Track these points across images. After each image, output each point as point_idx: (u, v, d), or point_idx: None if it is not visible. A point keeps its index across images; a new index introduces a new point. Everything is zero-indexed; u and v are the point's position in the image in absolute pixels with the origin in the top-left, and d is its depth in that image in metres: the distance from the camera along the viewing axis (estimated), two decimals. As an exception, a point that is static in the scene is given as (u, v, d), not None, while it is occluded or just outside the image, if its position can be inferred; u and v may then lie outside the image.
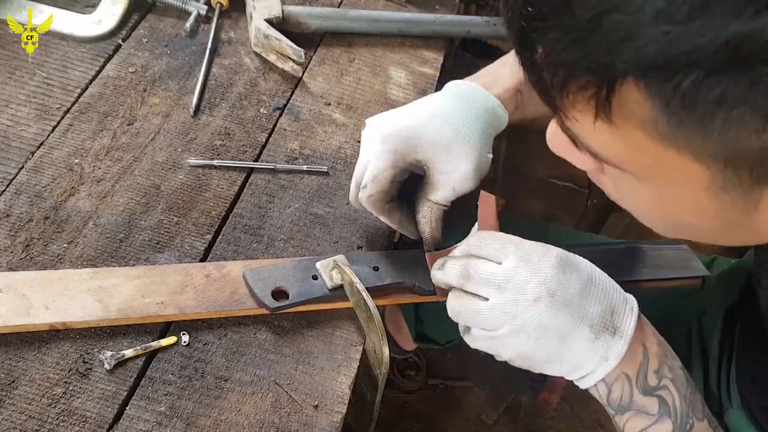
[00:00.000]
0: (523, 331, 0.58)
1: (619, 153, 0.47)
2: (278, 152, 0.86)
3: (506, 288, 0.59)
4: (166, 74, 0.91)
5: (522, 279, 0.59)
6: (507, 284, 0.59)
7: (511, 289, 0.59)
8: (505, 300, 0.59)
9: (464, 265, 0.62)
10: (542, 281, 0.58)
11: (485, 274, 0.60)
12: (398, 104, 0.96)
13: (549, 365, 0.61)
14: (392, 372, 1.68)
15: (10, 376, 0.62)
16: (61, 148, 0.80)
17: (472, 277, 0.61)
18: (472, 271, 0.61)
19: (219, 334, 0.68)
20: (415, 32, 1.05)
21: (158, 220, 0.76)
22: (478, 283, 0.61)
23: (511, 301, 0.59)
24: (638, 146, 0.44)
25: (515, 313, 0.58)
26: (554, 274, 0.59)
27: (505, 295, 0.59)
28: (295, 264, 0.71)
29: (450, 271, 0.63)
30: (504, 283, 0.59)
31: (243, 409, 0.64)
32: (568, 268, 0.59)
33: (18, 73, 0.86)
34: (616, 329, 0.58)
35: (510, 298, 0.59)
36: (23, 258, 0.70)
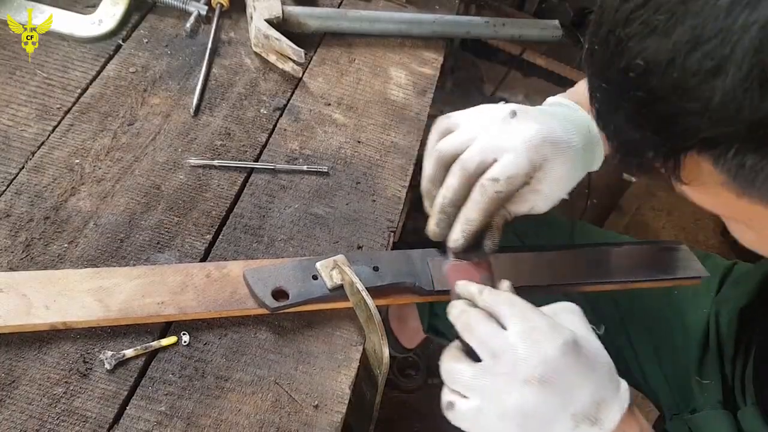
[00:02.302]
0: (507, 415, 0.57)
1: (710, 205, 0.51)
2: (278, 152, 0.87)
3: (502, 358, 0.58)
4: (166, 74, 0.91)
5: (519, 355, 0.57)
6: (503, 355, 0.58)
7: (506, 362, 0.58)
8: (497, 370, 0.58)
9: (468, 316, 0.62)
10: (539, 363, 0.57)
11: (485, 336, 0.60)
12: (398, 104, 0.96)
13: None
14: (392, 371, 1.68)
15: (10, 375, 0.62)
16: (62, 148, 0.80)
17: (472, 333, 0.61)
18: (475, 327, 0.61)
19: (219, 334, 0.68)
20: (415, 32, 1.05)
21: (159, 220, 0.76)
22: (476, 341, 0.60)
23: (503, 374, 0.58)
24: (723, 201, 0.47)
25: (501, 391, 0.57)
26: (554, 357, 0.57)
27: (498, 365, 0.58)
28: (295, 264, 0.71)
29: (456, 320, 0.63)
30: (501, 352, 0.58)
31: (243, 409, 0.64)
32: (571, 354, 0.58)
33: (18, 73, 0.86)
34: (598, 420, 0.57)
35: (503, 371, 0.58)
36: (24, 258, 0.70)
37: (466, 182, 0.67)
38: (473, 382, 0.59)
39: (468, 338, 0.61)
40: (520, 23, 1.12)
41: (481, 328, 0.61)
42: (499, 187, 0.65)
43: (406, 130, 0.94)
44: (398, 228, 0.84)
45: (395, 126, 0.94)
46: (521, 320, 0.59)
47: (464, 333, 0.62)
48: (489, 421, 0.58)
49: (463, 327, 0.62)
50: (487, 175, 0.65)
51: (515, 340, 0.58)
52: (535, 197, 0.68)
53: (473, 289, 0.65)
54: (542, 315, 0.61)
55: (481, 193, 0.66)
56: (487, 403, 0.58)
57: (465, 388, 0.60)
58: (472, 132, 0.68)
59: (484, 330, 0.60)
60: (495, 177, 0.65)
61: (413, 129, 0.94)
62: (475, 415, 0.59)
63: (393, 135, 0.93)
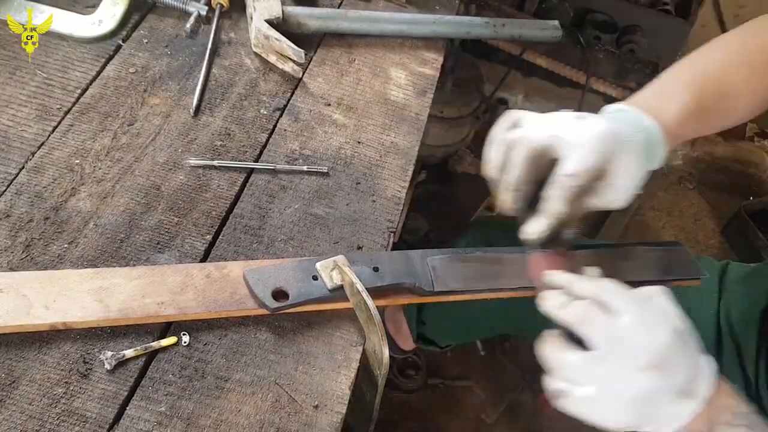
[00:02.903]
0: (623, 399, 0.60)
1: None
2: (278, 153, 0.87)
3: (617, 346, 0.61)
4: (166, 75, 0.91)
5: (636, 343, 0.60)
6: (620, 343, 0.61)
7: (622, 349, 0.61)
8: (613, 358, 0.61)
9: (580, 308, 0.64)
10: (656, 350, 0.60)
11: (603, 325, 0.62)
12: (398, 105, 0.96)
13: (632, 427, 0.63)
14: (392, 372, 1.68)
15: (10, 376, 0.62)
16: (62, 148, 0.80)
17: (588, 323, 0.63)
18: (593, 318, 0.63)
19: (219, 335, 0.68)
20: (415, 33, 1.05)
21: (159, 221, 0.76)
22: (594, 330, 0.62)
23: (620, 361, 0.60)
24: None
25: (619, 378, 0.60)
26: (668, 343, 0.60)
27: (615, 352, 0.61)
28: (295, 264, 0.71)
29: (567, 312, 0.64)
30: (619, 340, 0.61)
31: (243, 410, 0.64)
32: (680, 337, 0.61)
33: (18, 74, 0.86)
34: (693, 393, 0.61)
35: (620, 358, 0.60)
36: (24, 258, 0.70)
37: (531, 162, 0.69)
38: (588, 371, 0.61)
39: (582, 328, 0.63)
40: (520, 23, 1.12)
41: (597, 318, 0.62)
42: (576, 181, 0.67)
43: (406, 131, 0.94)
44: (398, 228, 0.84)
45: (395, 126, 0.94)
46: (634, 308, 0.62)
47: (577, 323, 0.63)
48: (606, 407, 0.61)
49: (576, 318, 0.64)
50: (562, 171, 0.68)
51: (631, 329, 0.61)
52: (610, 191, 0.70)
53: (568, 278, 0.67)
54: (649, 301, 0.64)
55: (560, 188, 0.68)
56: (605, 390, 0.61)
57: (579, 377, 0.62)
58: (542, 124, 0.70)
59: (600, 319, 0.62)
60: (571, 172, 0.67)
61: (413, 129, 0.94)
62: (591, 402, 0.62)
63: (393, 135, 0.93)
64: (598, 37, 1.92)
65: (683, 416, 0.61)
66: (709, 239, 2.29)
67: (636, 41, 1.92)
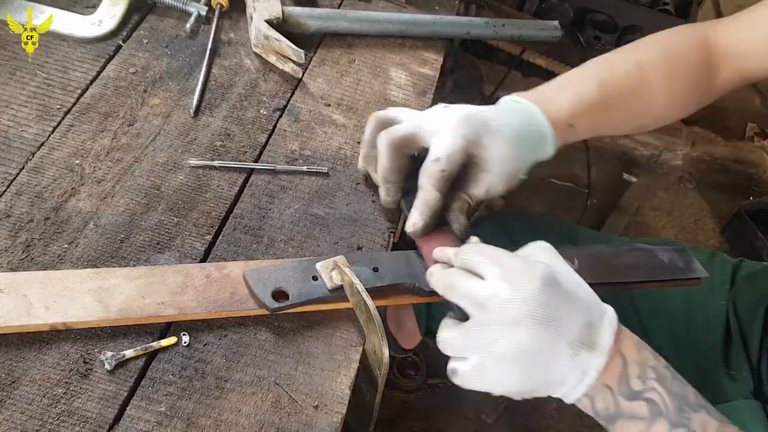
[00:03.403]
0: (505, 359, 0.58)
1: None
2: (278, 153, 0.87)
3: (488, 307, 0.59)
4: (166, 75, 0.91)
5: (502, 299, 0.58)
6: (489, 302, 0.59)
7: (491, 309, 0.59)
8: (486, 320, 0.59)
9: (448, 276, 0.63)
10: (523, 302, 0.58)
11: (467, 290, 0.61)
12: (398, 105, 0.96)
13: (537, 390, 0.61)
14: (392, 371, 1.68)
15: (10, 376, 0.62)
16: (62, 148, 0.80)
17: (454, 290, 0.62)
18: (456, 284, 0.62)
19: (219, 335, 0.68)
20: (415, 33, 1.05)
21: (158, 221, 0.76)
22: (460, 297, 0.61)
23: (492, 321, 0.58)
24: None
25: (495, 339, 0.58)
26: (536, 292, 0.58)
27: (487, 314, 0.59)
28: (295, 265, 0.71)
29: (437, 282, 0.64)
30: (486, 300, 0.59)
31: (243, 410, 0.64)
32: (551, 286, 0.59)
33: (18, 74, 0.86)
34: (593, 344, 0.59)
35: (492, 319, 0.59)
36: (24, 258, 0.70)
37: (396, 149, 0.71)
38: (466, 341, 0.60)
39: (451, 296, 0.62)
40: (520, 23, 1.12)
41: (461, 283, 0.61)
42: (442, 166, 0.68)
43: (406, 131, 0.94)
44: (398, 229, 0.84)
45: (395, 126, 0.94)
46: (496, 266, 0.60)
47: (447, 293, 0.63)
48: (492, 372, 0.60)
49: (444, 288, 0.63)
50: (427, 159, 0.69)
51: (495, 286, 0.59)
52: (486, 176, 0.70)
53: (449, 252, 0.66)
54: (514, 257, 0.62)
55: (426, 174, 0.69)
56: (485, 355, 0.59)
57: (461, 350, 0.61)
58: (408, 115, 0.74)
59: (463, 284, 0.61)
60: (435, 157, 0.68)
61: (413, 129, 0.94)
62: (478, 371, 0.60)
63: (393, 135, 0.93)
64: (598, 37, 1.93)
65: (585, 370, 0.58)
66: (709, 239, 2.29)
67: (636, 41, 1.92)
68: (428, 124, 0.71)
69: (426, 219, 0.70)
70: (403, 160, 0.73)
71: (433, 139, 0.70)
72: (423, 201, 0.70)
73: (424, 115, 0.73)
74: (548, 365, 0.58)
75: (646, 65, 0.81)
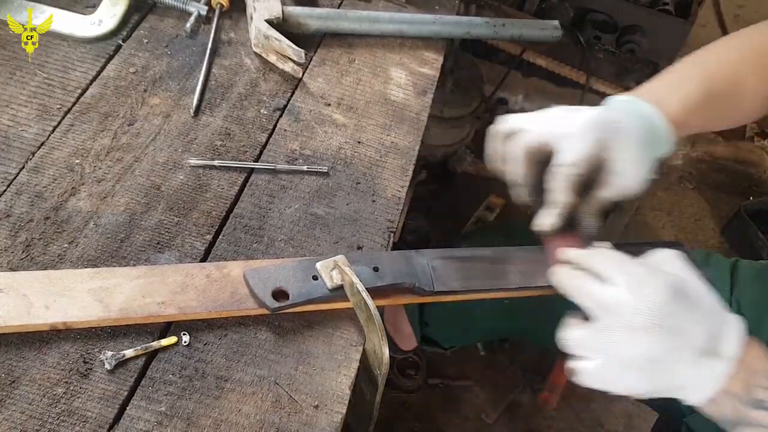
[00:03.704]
0: (631, 364, 0.60)
1: None
2: (278, 153, 0.87)
3: (614, 311, 0.61)
4: (166, 75, 0.91)
5: (630, 306, 0.60)
6: (616, 307, 0.61)
7: (619, 315, 0.60)
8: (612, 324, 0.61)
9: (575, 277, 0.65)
10: (650, 310, 0.60)
11: (593, 293, 0.62)
12: (398, 105, 0.96)
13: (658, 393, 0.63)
14: (392, 371, 1.68)
15: (10, 376, 0.62)
16: (62, 148, 0.80)
17: (581, 292, 0.63)
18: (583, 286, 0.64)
19: (219, 335, 0.68)
20: (415, 33, 1.05)
21: (159, 221, 0.76)
22: (585, 299, 0.63)
23: (619, 326, 0.60)
24: None
25: (621, 343, 0.60)
26: (663, 302, 0.60)
27: (612, 318, 0.61)
28: (295, 264, 0.71)
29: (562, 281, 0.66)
30: (612, 305, 0.61)
31: (243, 409, 0.64)
32: (678, 295, 0.61)
33: (18, 74, 0.86)
34: (718, 352, 0.60)
35: (618, 323, 0.60)
36: (24, 258, 0.70)
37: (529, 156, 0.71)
38: (591, 342, 0.62)
39: (577, 297, 0.64)
40: (520, 23, 1.12)
41: (588, 285, 0.63)
42: (572, 169, 0.68)
43: (406, 131, 0.94)
44: (398, 228, 0.84)
45: (395, 126, 0.94)
46: (624, 273, 0.62)
47: (574, 294, 0.64)
48: (615, 374, 0.61)
49: (570, 287, 0.65)
50: (558, 161, 0.69)
51: (623, 293, 0.61)
52: (617, 179, 0.70)
53: (575, 253, 0.68)
54: (642, 265, 0.64)
55: (559, 178, 0.69)
56: (610, 359, 0.61)
57: (585, 350, 0.63)
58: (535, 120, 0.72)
59: (590, 287, 0.63)
60: (565, 160, 0.68)
61: (413, 129, 0.94)
62: (601, 372, 0.62)
63: (393, 135, 0.93)
64: (598, 37, 1.92)
65: (713, 378, 0.60)
66: (709, 239, 2.29)
67: (636, 41, 1.92)
68: (556, 128, 0.71)
69: (554, 220, 0.71)
70: (534, 165, 0.73)
71: (562, 143, 0.69)
72: (556, 203, 0.70)
73: (549, 119, 0.72)
74: (672, 371, 0.60)
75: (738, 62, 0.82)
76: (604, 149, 0.69)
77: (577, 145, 0.68)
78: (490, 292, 0.77)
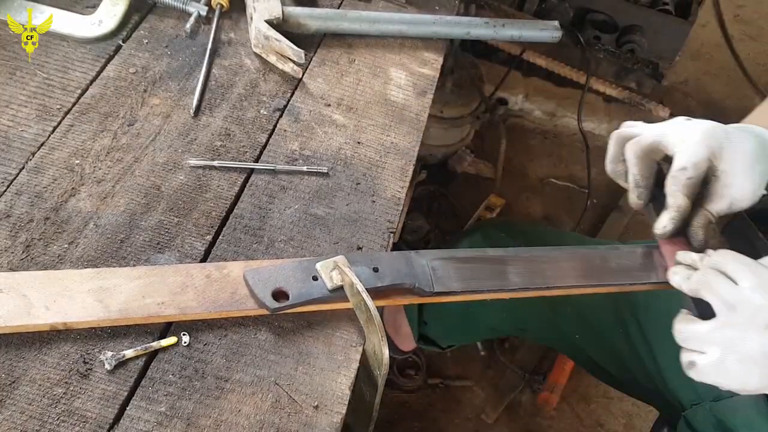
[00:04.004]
0: (749, 359, 0.63)
1: None
2: (278, 153, 0.87)
3: (739, 309, 0.64)
4: (166, 75, 0.91)
5: (756, 305, 0.63)
6: (741, 306, 0.64)
7: (743, 312, 0.63)
8: (734, 321, 0.64)
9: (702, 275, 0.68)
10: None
11: (721, 290, 0.65)
12: (398, 105, 0.96)
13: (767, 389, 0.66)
14: (392, 372, 1.68)
15: (10, 376, 0.62)
16: (62, 148, 0.80)
17: (710, 289, 0.66)
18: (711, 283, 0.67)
19: (219, 335, 0.68)
20: (415, 33, 1.05)
21: (159, 221, 0.76)
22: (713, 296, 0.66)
23: (741, 323, 0.63)
24: None
25: (742, 338, 0.63)
26: None
27: (736, 316, 0.64)
28: (295, 265, 0.71)
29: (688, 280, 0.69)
30: (738, 303, 0.64)
31: (243, 410, 0.64)
32: None
33: (18, 74, 0.86)
34: None
35: (741, 321, 0.63)
36: (24, 258, 0.70)
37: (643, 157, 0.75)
38: (712, 336, 0.65)
39: (705, 295, 0.67)
40: (520, 23, 1.12)
41: (717, 284, 0.66)
42: (688, 174, 0.72)
43: (405, 131, 0.94)
44: (398, 228, 0.84)
45: (395, 127, 0.94)
46: (753, 274, 0.65)
47: (702, 290, 0.68)
48: (733, 369, 0.64)
49: (699, 285, 0.68)
50: (673, 167, 0.72)
51: (751, 293, 0.64)
52: (729, 191, 0.73)
53: (695, 256, 0.72)
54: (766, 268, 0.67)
55: (674, 182, 0.72)
56: (729, 354, 0.64)
57: (704, 343, 0.66)
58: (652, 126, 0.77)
59: (720, 286, 0.66)
60: (681, 166, 0.72)
61: (413, 130, 0.94)
62: (718, 366, 0.65)
63: (393, 136, 0.93)
64: (598, 37, 1.92)
65: None
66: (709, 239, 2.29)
67: (636, 41, 1.92)
68: (673, 134, 0.74)
69: (675, 223, 0.73)
70: (651, 167, 0.77)
71: (678, 148, 0.73)
72: (672, 206, 0.73)
73: (666, 125, 0.76)
74: None
75: None
76: (718, 158, 0.72)
77: (691, 149, 0.71)
78: (491, 293, 0.77)
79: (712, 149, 0.72)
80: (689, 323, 0.68)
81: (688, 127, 0.75)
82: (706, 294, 0.67)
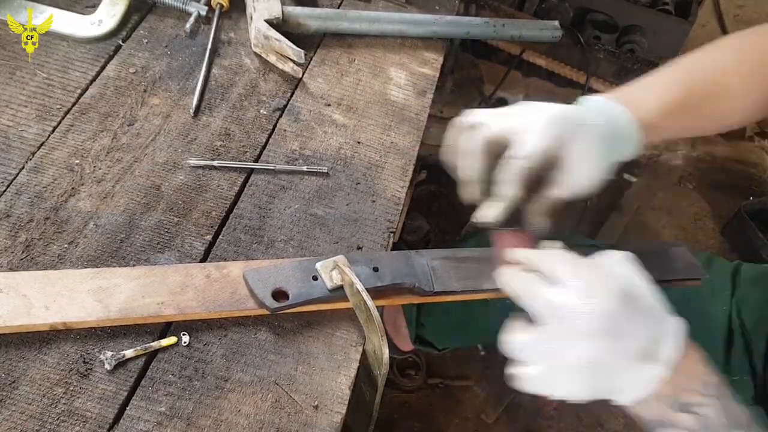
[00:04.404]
0: (576, 368, 0.59)
1: None
2: (278, 153, 0.87)
3: (560, 317, 0.59)
4: (166, 75, 0.91)
5: (578, 312, 0.59)
6: (562, 313, 0.59)
7: (565, 319, 0.59)
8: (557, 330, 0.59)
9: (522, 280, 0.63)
10: (599, 316, 0.58)
11: (541, 297, 0.61)
12: (398, 105, 0.96)
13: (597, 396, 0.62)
14: (392, 371, 1.68)
15: (10, 376, 0.62)
16: (62, 148, 0.80)
17: (529, 295, 0.62)
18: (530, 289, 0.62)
19: (219, 335, 0.68)
20: (415, 33, 1.05)
21: (158, 221, 0.76)
22: (533, 303, 0.61)
23: (564, 331, 0.59)
24: None
25: (566, 348, 0.59)
26: (612, 308, 0.59)
27: (558, 323, 0.59)
28: (295, 264, 0.71)
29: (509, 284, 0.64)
30: (558, 311, 0.59)
31: (243, 410, 0.64)
32: (626, 301, 0.60)
33: (18, 74, 0.86)
34: (656, 357, 0.59)
35: (563, 329, 0.59)
36: (24, 258, 0.70)
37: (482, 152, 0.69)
38: (536, 347, 0.60)
39: (523, 301, 0.62)
40: (520, 23, 1.12)
41: (535, 289, 0.61)
42: (524, 163, 0.67)
43: (405, 131, 0.94)
44: (398, 228, 0.84)
45: (395, 126, 0.94)
46: (575, 276, 0.60)
47: (519, 296, 0.62)
48: (558, 380, 0.60)
49: (517, 290, 0.63)
50: (512, 154, 0.67)
51: (570, 297, 0.59)
52: (570, 178, 0.69)
53: (523, 254, 0.66)
54: (594, 267, 0.62)
55: (510, 171, 0.67)
56: (553, 364, 0.60)
57: (529, 355, 0.61)
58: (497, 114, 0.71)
59: (538, 290, 0.61)
60: (517, 154, 0.67)
61: (413, 129, 0.94)
62: (544, 378, 0.60)
63: (393, 135, 0.93)
64: (598, 37, 1.92)
65: (646, 381, 0.59)
66: (709, 239, 2.29)
67: (636, 41, 1.92)
68: (517, 123, 0.69)
69: (498, 213, 0.69)
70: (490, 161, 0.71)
71: (519, 137, 0.68)
72: (503, 196, 0.69)
73: (511, 113, 0.71)
74: (612, 376, 0.59)
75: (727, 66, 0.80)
76: (560, 146, 0.67)
77: (534, 139, 0.67)
78: (490, 293, 0.77)
79: (557, 138, 0.67)
80: (514, 332, 0.62)
81: (534, 114, 0.69)
82: (527, 300, 0.61)
